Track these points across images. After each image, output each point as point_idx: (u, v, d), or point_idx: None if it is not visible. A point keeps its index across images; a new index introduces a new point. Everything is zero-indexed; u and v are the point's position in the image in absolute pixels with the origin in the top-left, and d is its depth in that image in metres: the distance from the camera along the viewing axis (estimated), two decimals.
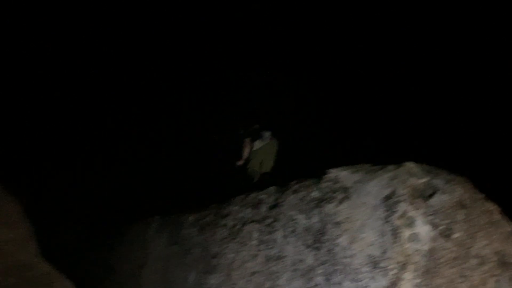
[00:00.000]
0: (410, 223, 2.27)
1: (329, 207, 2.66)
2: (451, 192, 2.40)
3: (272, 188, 3.34)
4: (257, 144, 6.02)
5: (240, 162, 5.89)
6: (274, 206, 3.14)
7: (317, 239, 2.65)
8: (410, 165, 2.51)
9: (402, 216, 2.29)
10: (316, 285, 2.56)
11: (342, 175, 2.76)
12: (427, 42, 7.34)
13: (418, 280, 2.23)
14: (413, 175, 2.43)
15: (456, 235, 2.29)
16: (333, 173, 2.82)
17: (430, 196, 2.35)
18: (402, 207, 2.31)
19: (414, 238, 2.27)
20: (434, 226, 2.30)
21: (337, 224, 2.57)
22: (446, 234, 2.29)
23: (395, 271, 2.24)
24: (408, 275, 2.23)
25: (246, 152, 5.99)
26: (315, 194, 2.83)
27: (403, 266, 2.23)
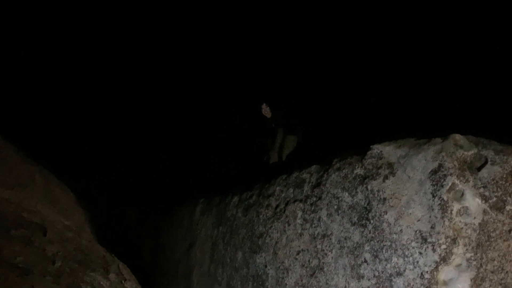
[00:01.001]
0: (459, 197, 2.23)
1: (374, 184, 2.64)
2: (503, 163, 2.31)
3: (314, 167, 3.35)
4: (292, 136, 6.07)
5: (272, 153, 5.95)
6: (317, 185, 3.15)
7: (363, 216, 2.65)
8: (457, 137, 2.43)
9: (451, 190, 2.25)
10: (363, 262, 2.58)
11: (386, 150, 2.72)
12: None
13: (470, 254, 2.19)
14: (460, 147, 2.36)
15: (509, 207, 2.22)
16: (377, 148, 2.78)
17: (480, 168, 2.28)
18: (450, 180, 2.26)
19: (464, 212, 2.22)
20: (485, 199, 2.23)
21: (383, 200, 2.56)
22: (498, 207, 2.23)
23: (445, 246, 2.21)
24: (459, 250, 2.20)
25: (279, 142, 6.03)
26: (358, 171, 2.81)
27: (453, 241, 2.20)
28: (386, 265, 2.44)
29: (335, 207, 2.89)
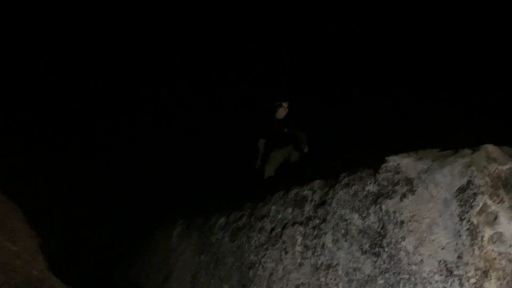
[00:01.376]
0: (492, 221, 2.22)
1: (390, 204, 2.64)
2: None
3: (317, 182, 3.34)
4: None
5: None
6: (320, 204, 3.15)
7: (376, 242, 2.64)
8: (490, 148, 2.44)
9: (482, 212, 2.25)
10: None
11: (404, 163, 2.72)
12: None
13: None
14: (493, 160, 2.37)
15: None
16: (393, 161, 2.78)
17: None
18: (481, 200, 2.26)
19: (497, 238, 2.22)
20: None
21: (400, 223, 2.55)
22: None
23: (474, 279, 2.20)
24: (491, 284, 2.19)
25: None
26: (371, 188, 2.81)
27: (484, 273, 2.20)
28: None
29: (343, 231, 2.88)
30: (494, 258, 2.20)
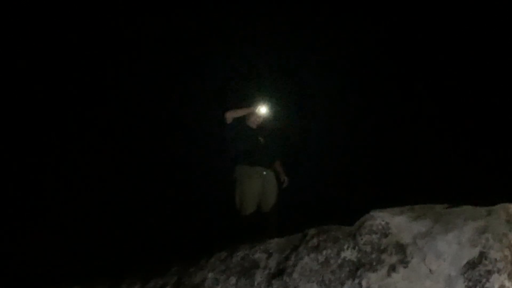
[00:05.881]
0: None
1: (373, 278, 2.64)
2: None
3: (275, 242, 3.32)
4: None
5: None
6: (277, 274, 3.12)
7: None
8: (510, 209, 2.48)
9: None
10: None
11: (395, 222, 2.74)
12: None
13: None
14: None
15: None
16: (380, 218, 2.80)
17: None
18: (498, 281, 2.28)
19: None
20: None
21: None
22: None
23: None
24: None
25: None
26: (348, 254, 2.82)
27: None
28: None
29: None
30: None
